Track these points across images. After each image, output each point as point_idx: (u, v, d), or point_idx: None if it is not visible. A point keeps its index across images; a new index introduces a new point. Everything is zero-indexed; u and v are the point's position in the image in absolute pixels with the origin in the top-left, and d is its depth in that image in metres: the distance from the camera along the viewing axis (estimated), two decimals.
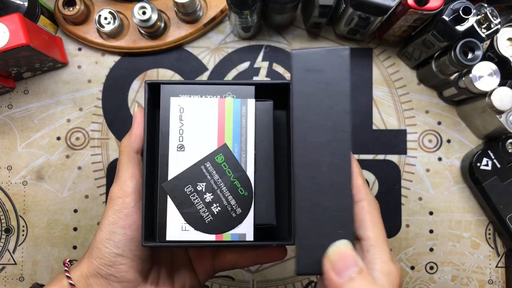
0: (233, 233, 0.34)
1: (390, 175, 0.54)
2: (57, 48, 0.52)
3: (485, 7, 0.45)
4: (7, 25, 0.42)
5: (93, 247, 0.34)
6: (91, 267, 0.34)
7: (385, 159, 0.54)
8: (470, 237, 0.53)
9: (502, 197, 0.50)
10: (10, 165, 0.53)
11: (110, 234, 0.34)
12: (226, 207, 0.34)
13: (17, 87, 0.54)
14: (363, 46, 0.54)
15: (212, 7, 0.52)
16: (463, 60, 0.45)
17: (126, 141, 0.35)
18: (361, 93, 0.54)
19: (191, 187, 0.34)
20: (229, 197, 0.34)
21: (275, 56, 0.54)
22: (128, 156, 0.35)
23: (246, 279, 0.53)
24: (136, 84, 0.54)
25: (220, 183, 0.34)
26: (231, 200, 0.34)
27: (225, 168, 0.34)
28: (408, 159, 0.54)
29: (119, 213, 0.34)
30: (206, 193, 0.34)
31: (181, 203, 0.34)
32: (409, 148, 0.54)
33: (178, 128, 0.34)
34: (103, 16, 0.50)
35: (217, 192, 0.34)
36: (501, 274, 0.53)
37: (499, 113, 0.47)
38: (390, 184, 0.54)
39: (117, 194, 0.34)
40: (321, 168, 0.29)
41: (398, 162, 0.54)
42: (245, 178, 0.34)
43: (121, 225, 0.34)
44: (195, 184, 0.34)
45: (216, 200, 0.34)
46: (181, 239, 0.34)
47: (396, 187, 0.54)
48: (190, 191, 0.34)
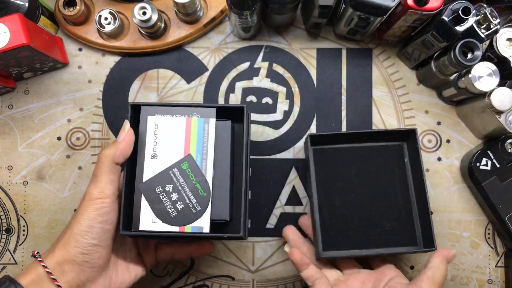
0: (193, 226, 0.41)
1: None
2: (58, 48, 0.52)
3: (484, 7, 0.45)
4: (7, 26, 0.43)
5: (70, 238, 0.39)
6: (66, 255, 0.39)
7: None
8: (470, 237, 0.53)
9: (502, 197, 0.50)
10: (10, 165, 0.53)
11: (89, 228, 0.39)
12: (188, 204, 0.41)
13: (18, 87, 0.54)
14: (362, 46, 0.54)
15: (212, 7, 0.52)
16: (462, 61, 0.45)
17: (109, 152, 0.40)
18: (360, 93, 0.54)
19: (160, 188, 0.42)
20: (191, 197, 0.42)
21: (275, 56, 0.54)
22: (110, 165, 0.40)
23: (246, 279, 0.53)
24: (136, 85, 0.54)
25: (184, 185, 0.42)
26: (193, 199, 0.42)
27: (189, 173, 0.42)
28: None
29: (99, 211, 0.39)
30: (172, 193, 0.42)
31: (152, 201, 0.41)
32: None
33: (153, 141, 0.42)
34: (103, 17, 0.50)
35: (181, 193, 0.42)
36: (501, 274, 0.53)
37: (498, 113, 0.47)
38: None
39: (97, 196, 0.39)
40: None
41: None
42: (204, 181, 0.42)
43: (99, 221, 0.39)
44: (164, 185, 0.42)
45: (180, 199, 0.41)
46: (151, 229, 0.41)
47: None
48: (160, 191, 0.42)
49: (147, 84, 0.54)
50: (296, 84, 0.54)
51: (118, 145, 0.40)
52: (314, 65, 0.54)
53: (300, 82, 0.54)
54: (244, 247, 0.53)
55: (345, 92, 0.54)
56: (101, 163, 0.40)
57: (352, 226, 0.49)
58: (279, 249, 0.53)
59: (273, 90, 0.54)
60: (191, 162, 0.42)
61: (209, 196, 0.42)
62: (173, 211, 0.41)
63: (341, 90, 0.54)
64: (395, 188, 0.50)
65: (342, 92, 0.54)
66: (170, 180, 0.42)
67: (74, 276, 0.39)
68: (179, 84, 0.54)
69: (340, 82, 0.54)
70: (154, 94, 0.54)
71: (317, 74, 0.54)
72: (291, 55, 0.54)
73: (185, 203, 0.41)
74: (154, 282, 0.53)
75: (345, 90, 0.54)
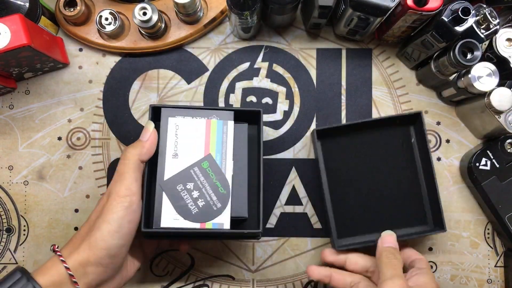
0: (214, 222, 0.43)
1: None
2: (58, 48, 0.52)
3: (484, 7, 0.45)
4: (8, 26, 0.43)
5: (98, 239, 0.38)
6: (92, 257, 0.38)
7: None
8: (469, 236, 0.53)
9: (501, 196, 0.50)
10: (11, 165, 0.53)
11: (118, 228, 0.38)
12: (209, 202, 0.43)
13: (18, 88, 0.54)
14: (362, 46, 0.55)
15: (212, 8, 0.52)
16: (462, 61, 0.45)
17: (134, 151, 0.41)
18: (360, 93, 0.54)
19: (182, 186, 0.43)
20: (212, 194, 0.43)
21: (275, 56, 0.54)
22: (135, 164, 0.41)
23: (246, 278, 0.53)
24: (136, 85, 0.54)
25: (205, 183, 0.43)
26: (213, 196, 0.43)
27: (209, 172, 0.44)
28: None
29: (128, 209, 0.39)
30: (193, 190, 0.43)
31: (174, 198, 0.43)
32: None
33: (173, 141, 0.44)
34: (104, 17, 0.50)
35: (202, 190, 0.43)
36: (500, 274, 0.53)
37: (498, 113, 0.47)
38: None
39: (125, 193, 0.39)
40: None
41: None
42: (224, 180, 0.44)
43: (128, 220, 0.39)
44: (185, 183, 0.43)
45: (201, 196, 0.43)
46: (173, 226, 0.42)
47: None
48: (181, 189, 0.43)
49: (148, 84, 0.54)
50: (296, 84, 0.54)
51: (145, 144, 0.42)
52: (314, 65, 0.54)
53: (300, 82, 0.54)
54: (244, 246, 0.53)
55: (345, 92, 0.54)
56: (128, 160, 0.41)
57: (364, 212, 0.51)
58: (279, 248, 0.53)
59: (273, 90, 0.54)
60: (211, 161, 0.44)
61: (229, 194, 0.44)
62: (194, 208, 0.43)
63: (341, 90, 0.54)
64: (403, 171, 0.52)
65: (342, 92, 0.54)
66: (191, 178, 0.43)
67: (95, 277, 0.38)
68: (179, 84, 0.54)
69: (340, 82, 0.54)
70: (155, 94, 0.54)
71: (317, 74, 0.54)
72: (291, 55, 0.54)
73: (206, 200, 0.43)
74: (154, 281, 0.53)
75: (345, 90, 0.54)
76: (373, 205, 0.51)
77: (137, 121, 0.54)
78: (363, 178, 0.52)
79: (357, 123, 0.50)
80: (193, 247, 0.53)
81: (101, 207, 0.40)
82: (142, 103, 0.54)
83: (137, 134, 0.53)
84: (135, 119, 0.54)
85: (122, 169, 0.41)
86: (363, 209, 0.51)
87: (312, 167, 0.54)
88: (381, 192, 0.52)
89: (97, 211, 0.40)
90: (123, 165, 0.41)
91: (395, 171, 0.52)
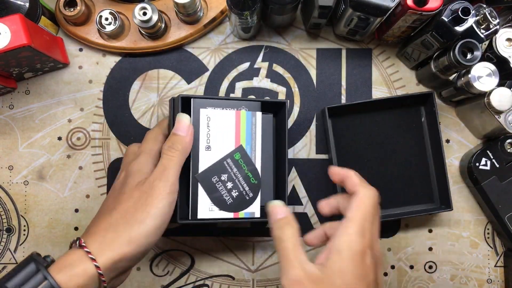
0: (246, 212, 0.45)
1: None
2: (58, 48, 0.52)
3: (484, 7, 0.45)
4: (8, 26, 0.43)
5: (142, 235, 0.36)
6: (130, 253, 0.36)
7: None
8: (469, 236, 0.53)
9: (501, 196, 0.50)
10: (11, 165, 0.53)
11: (162, 224, 0.38)
12: (242, 192, 0.45)
13: (18, 88, 0.54)
14: (362, 46, 0.55)
15: (212, 8, 0.52)
16: (462, 61, 0.45)
17: (181, 145, 0.41)
18: (360, 93, 0.54)
19: (216, 177, 0.44)
20: (244, 185, 0.45)
21: (275, 56, 0.54)
22: (181, 160, 0.40)
23: (247, 278, 0.53)
24: (136, 85, 0.54)
25: (238, 174, 0.45)
26: (246, 187, 0.45)
27: (241, 163, 0.45)
28: None
29: (172, 205, 0.39)
30: (228, 182, 0.45)
31: (209, 190, 0.44)
32: None
33: (206, 133, 0.44)
34: (104, 17, 0.50)
35: (235, 181, 0.45)
36: (500, 274, 0.53)
37: (498, 113, 0.47)
38: None
39: (171, 189, 0.38)
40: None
41: None
42: (255, 170, 0.46)
43: (170, 216, 0.39)
44: (219, 175, 0.44)
45: (235, 187, 0.45)
46: (209, 217, 0.44)
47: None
48: (216, 181, 0.44)
49: (148, 84, 0.54)
50: (296, 84, 0.54)
51: (185, 139, 0.41)
52: (314, 66, 0.54)
53: (300, 82, 0.54)
54: (244, 246, 0.54)
55: (344, 92, 0.54)
56: (176, 155, 0.40)
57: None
58: None
59: (273, 90, 0.54)
60: (243, 152, 0.45)
61: (259, 184, 0.45)
62: (229, 199, 0.45)
63: (341, 90, 0.54)
64: (412, 150, 0.53)
65: (342, 92, 0.54)
66: (225, 170, 0.45)
67: (120, 272, 0.37)
68: (180, 84, 0.54)
69: (340, 82, 0.54)
70: (155, 94, 0.54)
71: (317, 75, 0.54)
72: (291, 55, 0.54)
73: (239, 190, 0.45)
74: (154, 281, 0.53)
75: (345, 90, 0.54)
76: (382, 183, 0.52)
77: (137, 121, 0.54)
78: (372, 156, 0.53)
79: (369, 101, 0.51)
80: (193, 247, 0.53)
81: (134, 197, 0.38)
82: (142, 103, 0.54)
83: (137, 134, 0.53)
84: (135, 119, 0.54)
85: (168, 163, 0.39)
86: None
87: (312, 167, 0.54)
88: (390, 170, 0.53)
89: (126, 199, 0.38)
90: (168, 160, 0.40)
91: (404, 150, 0.53)
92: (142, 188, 0.38)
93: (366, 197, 0.37)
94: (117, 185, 0.42)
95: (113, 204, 0.39)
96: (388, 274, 0.53)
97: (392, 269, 0.53)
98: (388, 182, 0.52)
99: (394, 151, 0.53)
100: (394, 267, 0.53)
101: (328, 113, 0.51)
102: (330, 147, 0.51)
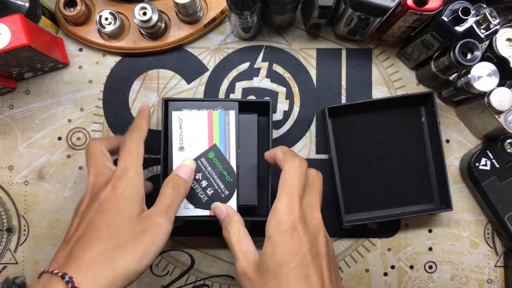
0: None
1: None
2: (58, 48, 0.52)
3: (484, 7, 0.45)
4: (8, 26, 0.43)
5: (135, 275, 0.35)
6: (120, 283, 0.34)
7: None
8: (469, 236, 0.53)
9: (501, 196, 0.50)
10: (11, 165, 0.53)
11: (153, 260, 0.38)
12: (217, 190, 0.45)
13: (18, 88, 0.54)
14: (362, 46, 0.55)
15: (212, 8, 0.52)
16: (462, 61, 0.45)
17: (184, 188, 0.41)
18: (360, 93, 0.54)
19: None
20: (219, 183, 0.46)
21: (275, 56, 0.54)
22: (181, 202, 0.42)
23: None
24: (136, 85, 0.54)
25: (212, 173, 0.46)
26: (221, 185, 0.46)
27: (215, 162, 0.46)
28: None
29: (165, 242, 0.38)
30: (202, 180, 0.45)
31: None
32: None
33: (178, 134, 0.46)
34: (104, 17, 0.50)
35: (210, 180, 0.45)
36: (500, 274, 0.53)
37: (498, 113, 0.47)
38: None
39: (170, 229, 0.38)
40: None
41: None
42: (230, 168, 0.46)
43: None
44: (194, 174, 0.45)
45: (210, 185, 0.45)
46: (185, 215, 0.45)
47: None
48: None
49: (148, 84, 0.54)
50: (296, 84, 0.54)
51: (188, 184, 0.42)
52: (314, 65, 0.54)
53: (300, 82, 0.54)
54: None
55: (345, 92, 0.54)
56: (178, 197, 0.40)
57: (371, 189, 0.52)
58: None
59: (273, 90, 0.54)
60: (217, 151, 0.46)
61: (235, 182, 0.46)
62: (204, 197, 0.45)
63: (341, 90, 0.54)
64: (412, 150, 0.53)
65: (342, 92, 0.54)
66: (199, 169, 0.45)
67: None
68: (180, 84, 0.54)
69: (340, 82, 0.54)
70: (155, 94, 0.54)
71: (317, 75, 0.54)
72: (291, 55, 0.54)
73: (214, 188, 0.45)
74: (154, 281, 0.53)
75: (345, 90, 0.54)
76: (381, 183, 0.52)
77: None
78: (372, 156, 0.53)
79: (369, 101, 0.51)
80: (193, 247, 0.53)
81: (135, 231, 0.36)
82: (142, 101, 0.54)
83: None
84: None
85: (172, 203, 0.39)
86: (371, 186, 0.52)
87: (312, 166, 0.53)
88: (390, 170, 0.53)
89: (125, 232, 0.35)
90: (172, 200, 0.39)
91: (404, 149, 0.53)
92: (143, 225, 0.36)
93: (288, 171, 0.37)
94: (106, 204, 0.36)
95: (107, 231, 0.35)
96: (388, 274, 0.53)
97: (392, 269, 0.53)
98: (388, 182, 0.52)
99: (394, 151, 0.53)
100: (394, 267, 0.53)
101: (328, 113, 0.51)
102: (330, 147, 0.51)
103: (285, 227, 0.35)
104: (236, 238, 0.39)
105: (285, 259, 0.34)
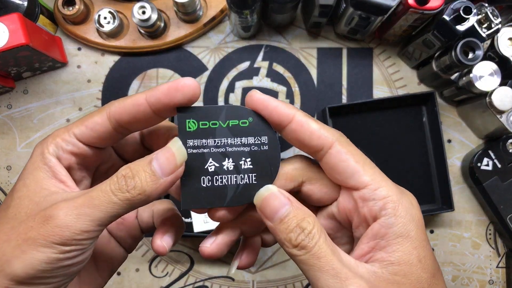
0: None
1: None
2: (57, 48, 0.51)
3: (485, 6, 0.45)
4: (6, 25, 0.42)
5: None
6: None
7: None
8: (471, 237, 0.53)
9: (503, 197, 0.50)
10: (9, 165, 0.53)
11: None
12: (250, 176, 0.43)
13: (17, 87, 0.53)
14: (363, 45, 0.54)
15: (212, 7, 0.52)
16: (463, 60, 0.45)
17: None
18: (361, 93, 0.54)
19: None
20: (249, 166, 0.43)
21: (275, 55, 0.54)
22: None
23: (246, 280, 0.53)
24: (135, 84, 0.54)
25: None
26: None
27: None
28: None
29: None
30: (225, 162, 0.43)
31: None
32: None
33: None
34: (102, 16, 0.50)
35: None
36: (502, 275, 0.53)
37: (499, 113, 0.47)
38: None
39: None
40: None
41: None
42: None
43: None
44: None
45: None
46: (204, 230, 0.43)
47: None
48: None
49: (147, 83, 0.54)
50: (296, 84, 0.54)
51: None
52: (315, 65, 0.54)
53: (301, 82, 0.54)
54: None
55: (345, 92, 0.54)
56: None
57: None
58: (279, 249, 0.53)
59: (273, 90, 0.54)
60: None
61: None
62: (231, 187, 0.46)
63: (342, 90, 0.54)
64: (414, 150, 0.53)
65: (343, 91, 0.54)
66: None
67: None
68: None
69: (341, 82, 0.54)
70: None
71: (317, 74, 0.54)
72: (291, 54, 0.54)
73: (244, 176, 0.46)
74: (153, 283, 0.53)
75: (346, 89, 0.54)
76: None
77: None
78: (373, 156, 0.52)
79: (370, 101, 0.51)
80: (193, 248, 0.53)
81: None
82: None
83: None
84: None
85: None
86: None
87: None
88: (391, 170, 0.52)
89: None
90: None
91: (406, 149, 0.53)
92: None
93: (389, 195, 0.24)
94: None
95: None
96: None
97: None
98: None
99: (395, 151, 0.52)
100: None
101: (329, 113, 0.51)
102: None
103: (421, 222, 0.24)
104: (330, 243, 0.23)
105: (438, 265, 0.24)
